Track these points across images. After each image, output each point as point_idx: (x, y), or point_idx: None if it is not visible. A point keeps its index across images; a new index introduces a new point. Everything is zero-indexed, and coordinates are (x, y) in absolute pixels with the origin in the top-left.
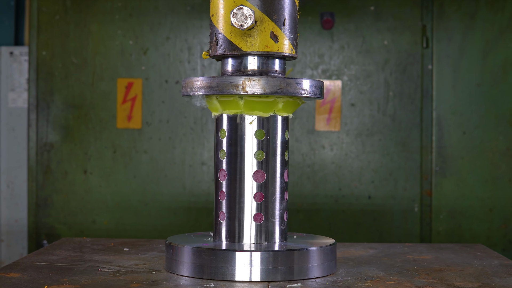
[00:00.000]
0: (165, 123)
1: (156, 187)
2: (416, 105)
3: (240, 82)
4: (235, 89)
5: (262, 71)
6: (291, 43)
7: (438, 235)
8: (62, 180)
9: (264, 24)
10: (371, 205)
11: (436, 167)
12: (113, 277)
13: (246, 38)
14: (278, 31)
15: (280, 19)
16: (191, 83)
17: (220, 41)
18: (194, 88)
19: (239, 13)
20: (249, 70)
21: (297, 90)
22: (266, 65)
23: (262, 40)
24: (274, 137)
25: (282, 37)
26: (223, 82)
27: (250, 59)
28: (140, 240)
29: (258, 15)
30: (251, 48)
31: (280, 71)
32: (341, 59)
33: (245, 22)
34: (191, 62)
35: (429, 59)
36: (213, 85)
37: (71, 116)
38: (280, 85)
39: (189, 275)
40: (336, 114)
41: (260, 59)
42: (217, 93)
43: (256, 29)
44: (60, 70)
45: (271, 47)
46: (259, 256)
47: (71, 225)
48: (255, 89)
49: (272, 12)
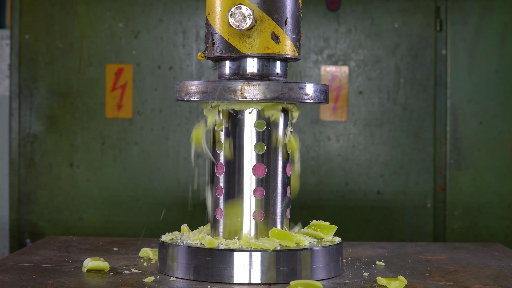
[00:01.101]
0: (157, 112)
1: (148, 181)
2: (429, 93)
3: (239, 87)
4: (233, 94)
5: (262, 74)
6: (293, 44)
7: (453, 234)
8: (46, 174)
9: (265, 24)
10: (380, 201)
11: (450, 160)
12: (101, 280)
13: (245, 39)
14: (279, 31)
15: (282, 18)
16: (185, 87)
17: (216, 42)
18: (189, 93)
19: (237, 13)
20: (248, 73)
21: (300, 95)
22: (267, 67)
23: (262, 41)
24: (276, 127)
25: (283, 37)
26: (220, 87)
27: (249, 62)
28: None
29: (258, 14)
30: (250, 49)
31: (282, 74)
32: (348, 43)
33: (243, 22)
34: (186, 46)
35: (443, 43)
36: (209, 90)
37: (56, 105)
38: (281, 90)
39: (183, 277)
40: (342, 102)
41: (260, 61)
42: (213, 98)
43: (256, 29)
44: (44, 55)
45: (271, 48)
46: (259, 256)
47: (56, 223)
48: (255, 94)
49: (273, 10)
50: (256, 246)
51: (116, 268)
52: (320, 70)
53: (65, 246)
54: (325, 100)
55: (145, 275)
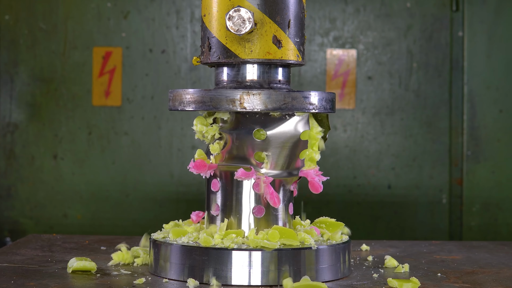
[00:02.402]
0: (149, 100)
1: (139, 174)
2: (444, 78)
3: (237, 96)
4: (232, 104)
5: (263, 82)
6: (297, 48)
7: (470, 231)
8: (28, 166)
9: (266, 27)
10: (391, 196)
11: (467, 152)
12: (88, 281)
13: (244, 44)
14: (281, 34)
15: (284, 20)
16: (179, 96)
17: (213, 46)
18: (183, 103)
19: (236, 16)
20: (247, 80)
21: (305, 105)
22: (268, 74)
23: (263, 45)
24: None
25: (286, 41)
26: (217, 97)
27: (248, 68)
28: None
29: (258, 16)
30: (250, 55)
31: (284, 80)
32: (356, 24)
33: (242, 26)
34: (179, 28)
35: (459, 24)
36: (206, 100)
37: (38, 92)
38: (284, 99)
39: (177, 279)
40: (350, 89)
41: (260, 67)
42: (210, 109)
43: (256, 33)
44: (25, 38)
45: (273, 53)
46: (260, 256)
47: (39, 220)
48: (255, 105)
49: (275, 12)
50: (256, 245)
51: (104, 269)
52: (325, 53)
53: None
54: (331, 109)
55: (136, 276)
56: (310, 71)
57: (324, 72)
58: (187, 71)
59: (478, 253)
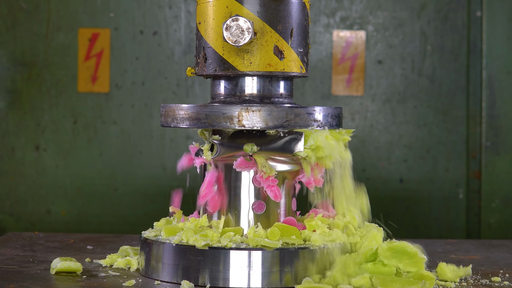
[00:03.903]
0: (139, 86)
1: (128, 167)
2: (461, 62)
3: (236, 113)
4: (229, 122)
5: (263, 96)
6: (300, 59)
7: (489, 229)
8: (7, 158)
9: (266, 37)
10: (404, 191)
11: (486, 142)
12: (73, 283)
13: (243, 55)
14: (283, 44)
15: (287, 29)
16: (172, 111)
17: (209, 57)
18: (176, 119)
19: (234, 26)
20: (246, 94)
21: (308, 122)
22: (269, 88)
23: (264, 57)
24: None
25: (289, 52)
26: (214, 113)
27: (248, 81)
28: (108, 235)
29: (259, 25)
30: (249, 67)
31: (287, 94)
32: (365, 3)
33: (241, 37)
34: (172, 7)
35: (477, 3)
36: (201, 117)
37: (19, 77)
38: (286, 116)
39: (170, 281)
40: (358, 74)
41: (260, 80)
42: (206, 126)
43: (256, 43)
44: (5, 18)
45: (274, 65)
46: (260, 255)
47: (20, 216)
48: (255, 122)
49: (276, 20)
50: (256, 244)
51: (91, 270)
52: (332, 35)
53: (29, 243)
54: (337, 125)
55: (125, 278)
56: (314, 55)
57: (330, 55)
58: (180, 54)
59: (497, 253)
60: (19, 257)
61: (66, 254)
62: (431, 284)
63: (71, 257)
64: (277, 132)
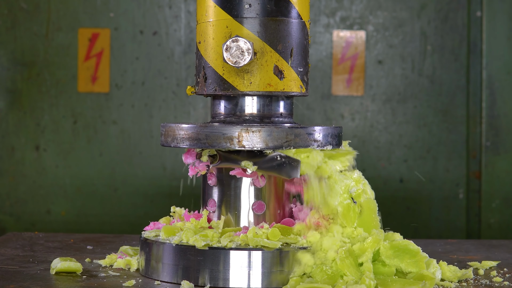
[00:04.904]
0: (139, 86)
1: (128, 167)
2: (461, 62)
3: (236, 134)
4: (229, 142)
5: (263, 116)
6: (300, 79)
7: (489, 229)
8: (7, 158)
9: (266, 57)
10: (404, 191)
11: (486, 142)
12: (72, 283)
13: (243, 75)
14: (283, 64)
15: (287, 49)
16: (172, 131)
17: (209, 77)
18: (176, 139)
19: (234, 47)
20: (246, 114)
21: (308, 142)
22: (269, 107)
23: (264, 76)
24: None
25: (289, 72)
26: (214, 134)
27: (247, 101)
28: (108, 235)
29: (259, 45)
30: (249, 87)
31: (286, 113)
32: (365, 3)
33: (241, 58)
34: (172, 7)
35: (477, 3)
36: (201, 137)
37: (19, 77)
38: (286, 137)
39: (170, 281)
40: (358, 74)
41: (260, 100)
42: (206, 147)
43: (256, 63)
44: (5, 18)
45: (274, 85)
46: (260, 255)
47: (20, 216)
48: (255, 143)
49: (276, 40)
50: (256, 244)
51: (90, 270)
52: (332, 35)
53: (29, 244)
54: (337, 145)
55: (125, 278)
56: (315, 55)
57: (330, 55)
58: (180, 54)
59: (498, 253)
60: (19, 257)
61: (66, 254)
62: (431, 284)
63: (71, 257)
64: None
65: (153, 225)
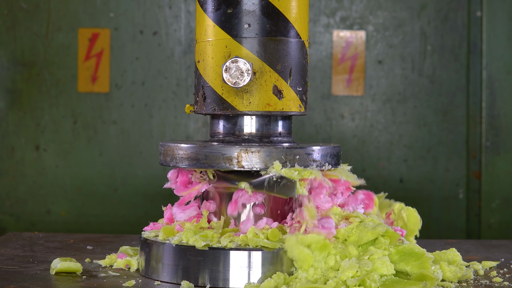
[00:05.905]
0: (139, 86)
1: (128, 167)
2: (461, 62)
3: (235, 154)
4: (228, 163)
5: (262, 135)
6: (299, 98)
7: (489, 229)
8: (7, 158)
9: (265, 77)
10: (403, 190)
11: (486, 142)
12: (72, 284)
13: (242, 95)
14: (282, 84)
15: (286, 68)
16: (171, 151)
17: (208, 96)
18: (176, 159)
19: (233, 67)
20: (245, 133)
21: (307, 162)
22: (267, 127)
23: (263, 97)
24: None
25: (288, 91)
26: (213, 154)
27: (246, 120)
28: (108, 235)
29: (258, 65)
30: (248, 107)
31: (285, 132)
32: (365, 3)
33: (240, 79)
34: (172, 7)
35: (477, 3)
36: (200, 157)
37: (19, 77)
38: (285, 157)
39: (170, 281)
40: (358, 74)
41: (259, 120)
42: (205, 167)
43: (255, 83)
44: (5, 18)
45: (273, 105)
46: (260, 256)
47: (19, 216)
48: (254, 163)
49: (275, 60)
50: (256, 244)
51: (90, 270)
52: (332, 35)
53: (29, 244)
54: (336, 164)
55: (125, 278)
56: (315, 55)
57: (330, 55)
58: (180, 54)
59: (498, 253)
60: (19, 257)
61: (66, 254)
62: (432, 284)
63: (71, 258)
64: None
65: (153, 225)
